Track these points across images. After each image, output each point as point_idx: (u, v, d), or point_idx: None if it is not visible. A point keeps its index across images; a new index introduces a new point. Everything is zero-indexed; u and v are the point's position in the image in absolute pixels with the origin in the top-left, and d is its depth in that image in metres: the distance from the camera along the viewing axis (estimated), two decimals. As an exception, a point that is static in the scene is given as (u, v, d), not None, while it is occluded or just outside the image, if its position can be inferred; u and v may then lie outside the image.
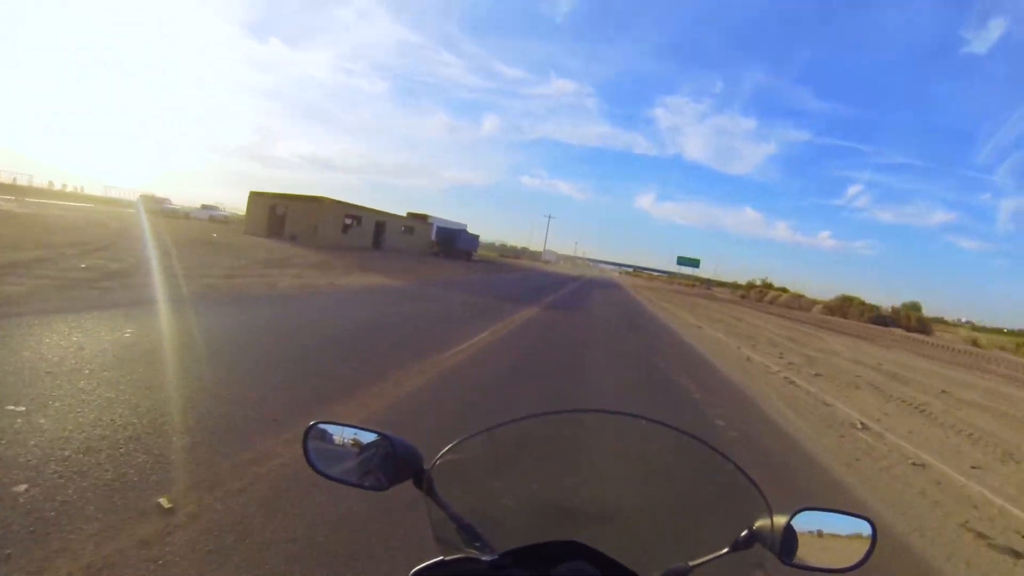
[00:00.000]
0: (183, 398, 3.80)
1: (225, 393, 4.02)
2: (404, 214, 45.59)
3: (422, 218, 49.02)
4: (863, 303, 60.77)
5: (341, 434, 0.97)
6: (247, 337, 6.19)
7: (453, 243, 46.81)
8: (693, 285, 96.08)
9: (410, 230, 44.24)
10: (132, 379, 4.03)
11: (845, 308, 59.46)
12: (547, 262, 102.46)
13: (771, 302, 68.44)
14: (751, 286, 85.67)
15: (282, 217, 32.33)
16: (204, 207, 41.67)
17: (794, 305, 65.46)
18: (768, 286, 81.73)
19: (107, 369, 4.18)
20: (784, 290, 76.73)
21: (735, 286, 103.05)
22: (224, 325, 6.67)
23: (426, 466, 0.93)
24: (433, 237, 47.95)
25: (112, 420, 3.26)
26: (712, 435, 5.06)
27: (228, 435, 3.32)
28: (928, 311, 66.08)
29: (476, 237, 54.24)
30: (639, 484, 1.10)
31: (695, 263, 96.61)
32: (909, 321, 52.76)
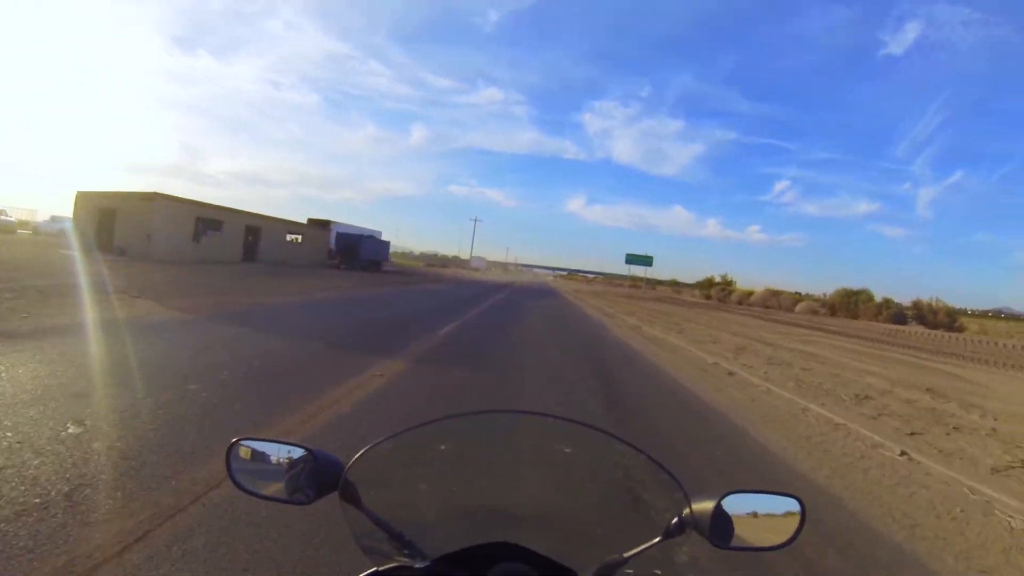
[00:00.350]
0: None
1: None
2: (305, 220, 40.07)
3: (322, 224, 42.56)
4: (870, 297, 51.91)
5: (263, 450, 0.93)
6: None
7: (356, 252, 39.63)
8: (638, 286, 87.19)
9: (300, 238, 37.21)
10: None
11: (851, 305, 51.63)
12: (476, 269, 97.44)
13: (740, 302, 61.43)
14: (710, 283, 75.88)
15: (111, 223, 25.26)
16: (54, 219, 36.41)
17: (771, 304, 58.32)
18: (728, 283, 72.73)
19: None
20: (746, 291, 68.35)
21: (674, 283, 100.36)
22: None
23: (349, 476, 0.90)
24: (331, 245, 41.16)
25: None
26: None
27: None
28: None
29: (386, 244, 47.70)
30: (564, 482, 1.12)
31: (647, 261, 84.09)
32: (936, 316, 46.91)
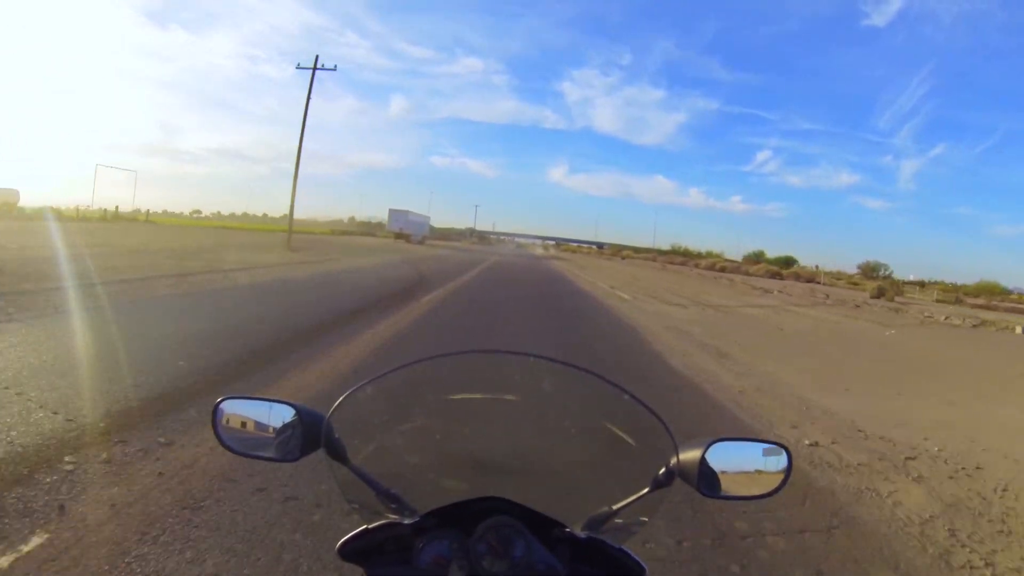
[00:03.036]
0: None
1: None
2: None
3: (399, 212, 63.02)
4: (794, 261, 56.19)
5: (248, 408, 0.93)
6: None
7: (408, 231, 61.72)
8: (654, 258, 74.95)
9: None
10: None
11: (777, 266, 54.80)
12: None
13: (710, 267, 55.83)
14: (683, 252, 75.17)
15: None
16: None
17: (729, 268, 54.37)
18: (688, 252, 71.34)
19: None
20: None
21: (651, 251, 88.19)
22: None
23: (334, 431, 0.90)
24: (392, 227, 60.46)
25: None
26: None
27: None
28: (837, 268, 64.90)
29: (426, 221, 70.14)
30: (551, 430, 1.11)
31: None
32: (813, 278, 48.24)
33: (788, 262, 65.56)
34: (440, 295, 12.21)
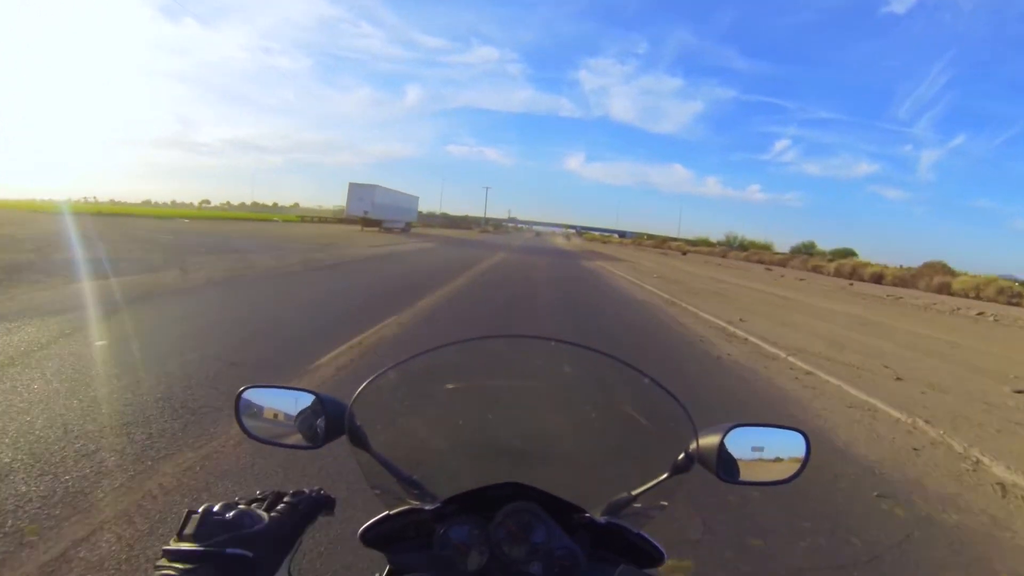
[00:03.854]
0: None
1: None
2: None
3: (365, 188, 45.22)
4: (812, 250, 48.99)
5: (270, 396, 0.94)
6: None
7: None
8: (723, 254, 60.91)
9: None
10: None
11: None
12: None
13: (723, 255, 49.79)
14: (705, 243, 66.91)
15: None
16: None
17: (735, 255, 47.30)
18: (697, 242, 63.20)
19: None
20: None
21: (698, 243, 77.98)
22: None
23: (356, 419, 0.91)
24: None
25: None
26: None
27: None
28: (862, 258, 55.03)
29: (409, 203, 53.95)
30: (571, 414, 1.11)
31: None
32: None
33: (847, 254, 57.19)
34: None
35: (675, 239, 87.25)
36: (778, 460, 0.89)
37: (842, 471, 3.71)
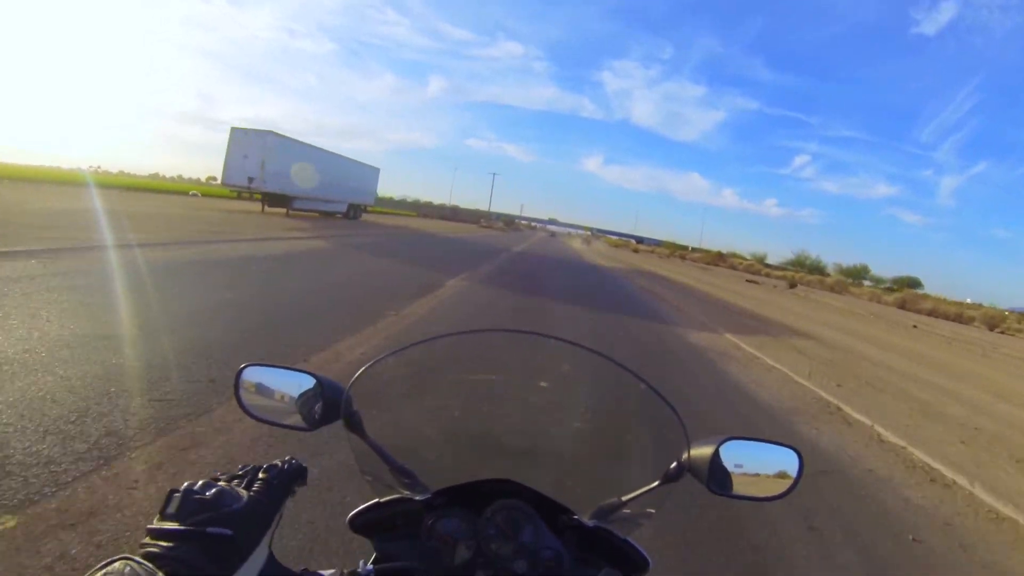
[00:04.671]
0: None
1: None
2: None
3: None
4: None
5: (270, 376, 0.95)
6: None
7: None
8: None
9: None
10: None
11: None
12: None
13: (732, 266, 44.60)
14: (718, 254, 54.62)
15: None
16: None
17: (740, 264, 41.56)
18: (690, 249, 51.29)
19: None
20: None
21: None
22: None
23: (353, 403, 0.92)
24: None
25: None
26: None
27: None
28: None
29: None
30: (566, 416, 1.11)
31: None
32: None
33: (910, 283, 48.88)
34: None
35: (699, 249, 78.64)
36: (770, 476, 0.88)
37: None
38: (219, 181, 26.26)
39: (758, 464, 0.87)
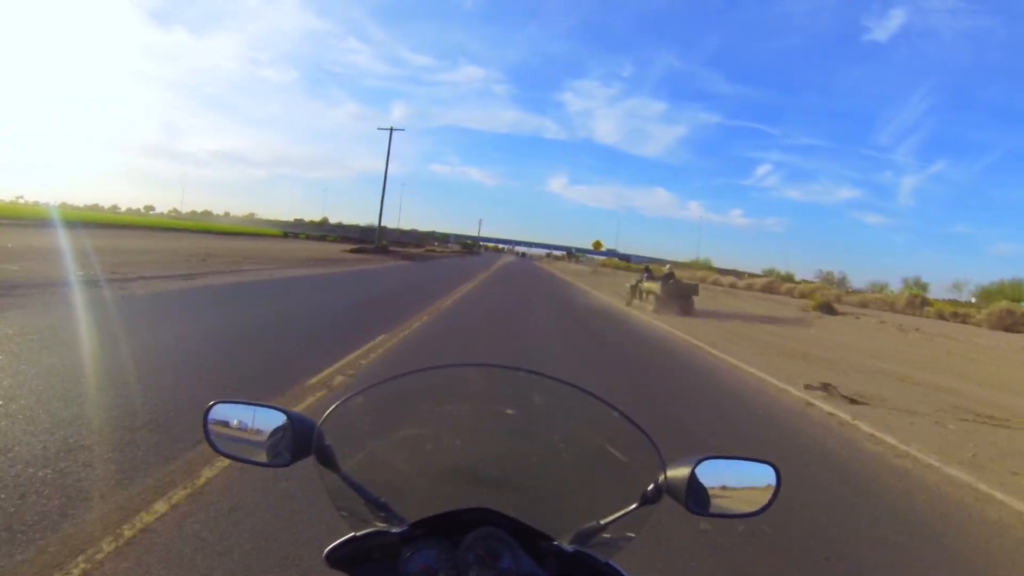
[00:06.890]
0: None
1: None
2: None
3: None
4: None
5: (239, 412, 0.93)
6: None
7: None
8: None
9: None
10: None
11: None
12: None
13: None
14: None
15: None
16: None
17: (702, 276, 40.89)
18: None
19: None
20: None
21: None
22: None
23: (325, 438, 0.90)
24: None
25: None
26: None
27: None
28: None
29: None
30: (540, 443, 1.11)
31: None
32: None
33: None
34: None
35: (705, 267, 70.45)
36: (747, 491, 0.89)
37: None
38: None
39: (735, 480, 0.88)
